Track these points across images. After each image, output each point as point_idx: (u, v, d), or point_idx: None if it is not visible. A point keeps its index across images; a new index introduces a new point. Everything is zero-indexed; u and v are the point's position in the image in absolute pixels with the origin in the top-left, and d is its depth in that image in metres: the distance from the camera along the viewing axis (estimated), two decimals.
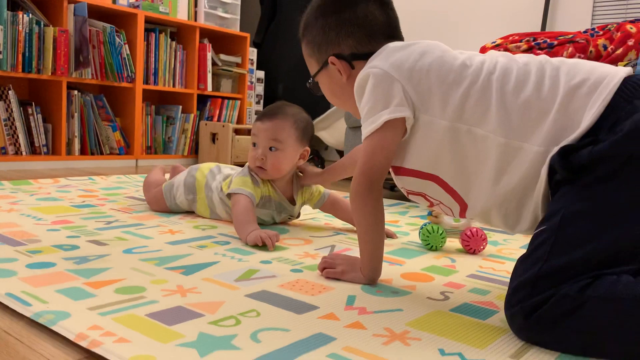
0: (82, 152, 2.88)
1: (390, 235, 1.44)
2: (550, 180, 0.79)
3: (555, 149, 0.78)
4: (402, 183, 0.98)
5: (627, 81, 0.79)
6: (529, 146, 0.81)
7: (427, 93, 0.89)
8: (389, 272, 1.10)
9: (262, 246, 1.23)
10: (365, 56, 0.98)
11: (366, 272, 0.99)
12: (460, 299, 0.95)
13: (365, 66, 0.95)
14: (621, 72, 0.80)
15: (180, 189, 1.58)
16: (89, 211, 1.56)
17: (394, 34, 1.02)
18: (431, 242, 1.31)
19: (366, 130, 0.93)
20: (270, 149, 1.39)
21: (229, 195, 1.41)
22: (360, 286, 0.99)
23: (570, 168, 0.76)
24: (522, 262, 0.77)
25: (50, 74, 2.65)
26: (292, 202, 1.50)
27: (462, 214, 0.94)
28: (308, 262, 1.14)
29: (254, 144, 1.42)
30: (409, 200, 2.21)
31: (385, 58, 0.93)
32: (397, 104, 0.89)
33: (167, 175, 1.80)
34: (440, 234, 1.30)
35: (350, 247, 1.30)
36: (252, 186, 1.40)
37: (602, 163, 0.74)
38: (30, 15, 2.60)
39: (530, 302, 0.72)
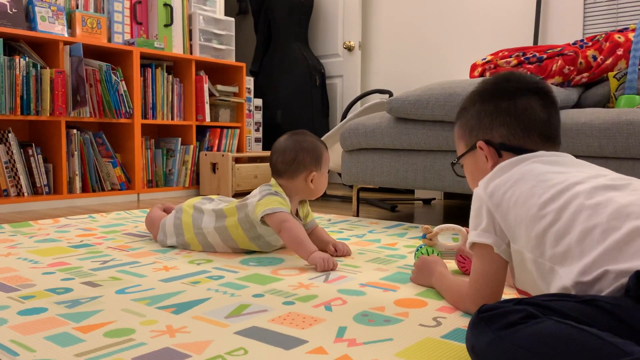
0: (84, 189, 2.90)
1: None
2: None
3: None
4: None
5: None
6: None
7: (514, 224, 0.86)
8: (382, 299, 1.09)
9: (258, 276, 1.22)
10: (515, 149, 0.96)
11: None
12: (452, 324, 0.94)
13: (483, 179, 0.95)
14: None
15: (170, 229, 1.62)
16: (85, 251, 1.56)
17: (552, 135, 0.98)
18: None
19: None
20: None
21: (262, 219, 1.44)
22: (352, 316, 0.98)
23: None
24: None
25: (49, 114, 2.68)
26: (298, 217, 1.56)
27: None
28: (301, 293, 1.13)
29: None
30: (409, 222, 2.20)
31: (489, 179, 0.93)
32: (483, 229, 0.90)
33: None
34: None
35: (346, 274, 1.29)
36: (287, 205, 1.46)
37: None
38: (27, 58, 2.64)
39: (487, 309, 0.69)
